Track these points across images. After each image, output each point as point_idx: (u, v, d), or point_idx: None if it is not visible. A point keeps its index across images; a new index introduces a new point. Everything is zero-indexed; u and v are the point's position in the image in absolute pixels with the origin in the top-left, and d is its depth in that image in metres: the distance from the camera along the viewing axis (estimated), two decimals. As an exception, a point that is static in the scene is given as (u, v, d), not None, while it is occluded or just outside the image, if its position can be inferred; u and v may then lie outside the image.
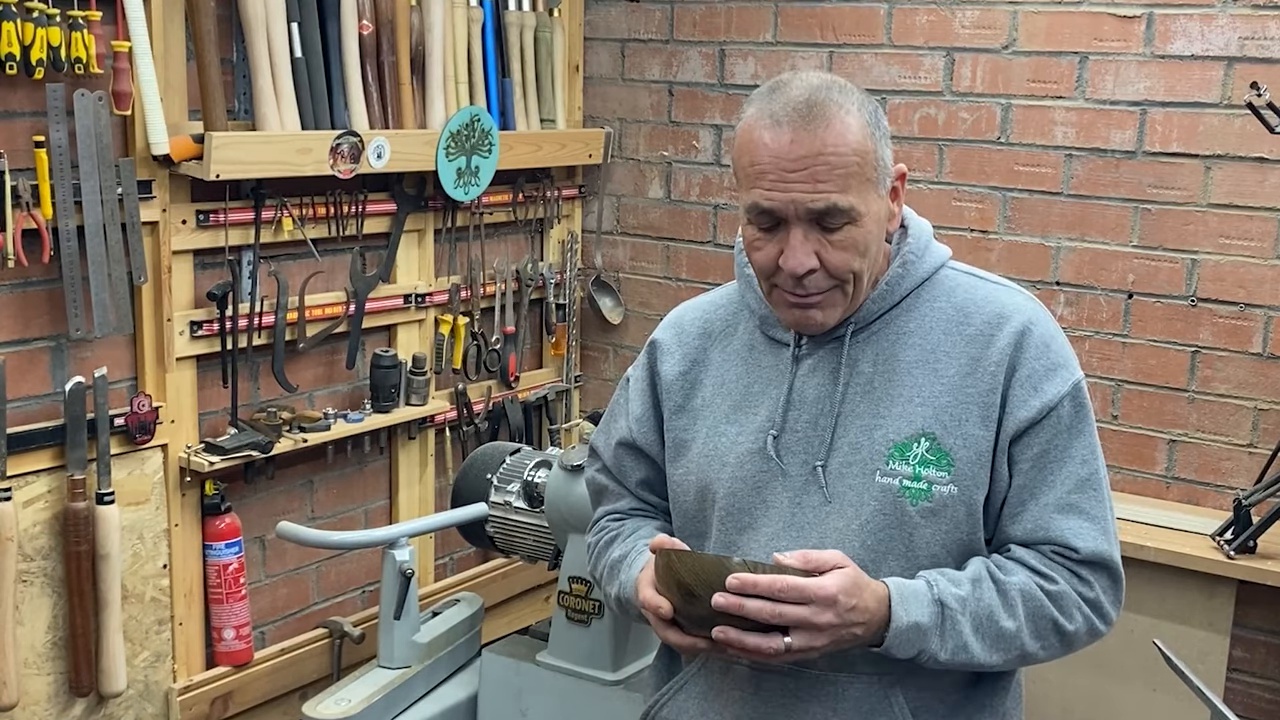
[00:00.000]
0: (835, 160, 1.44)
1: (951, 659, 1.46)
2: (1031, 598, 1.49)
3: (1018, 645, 1.49)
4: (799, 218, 1.46)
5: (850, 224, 1.46)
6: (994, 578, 1.49)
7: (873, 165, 1.47)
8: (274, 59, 2.65)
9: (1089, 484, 1.52)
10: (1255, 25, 2.71)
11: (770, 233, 1.49)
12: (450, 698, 2.79)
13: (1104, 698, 2.79)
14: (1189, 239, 2.85)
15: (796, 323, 1.55)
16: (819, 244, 1.47)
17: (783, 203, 1.45)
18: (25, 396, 2.41)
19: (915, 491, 1.50)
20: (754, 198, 1.47)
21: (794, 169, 1.44)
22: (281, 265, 2.83)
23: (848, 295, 1.52)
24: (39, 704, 2.47)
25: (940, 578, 1.48)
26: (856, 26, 3.18)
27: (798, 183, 1.44)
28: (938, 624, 1.45)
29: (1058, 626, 1.51)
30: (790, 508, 1.55)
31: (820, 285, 1.49)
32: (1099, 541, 1.51)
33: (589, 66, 3.61)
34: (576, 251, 3.63)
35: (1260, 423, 2.81)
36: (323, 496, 3.06)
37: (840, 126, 1.44)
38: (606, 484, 1.78)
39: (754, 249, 1.52)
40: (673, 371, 1.68)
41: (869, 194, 1.47)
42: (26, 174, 2.30)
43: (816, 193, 1.44)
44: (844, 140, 1.44)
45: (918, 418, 1.51)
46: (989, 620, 1.47)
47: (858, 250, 1.48)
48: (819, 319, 1.53)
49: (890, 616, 1.43)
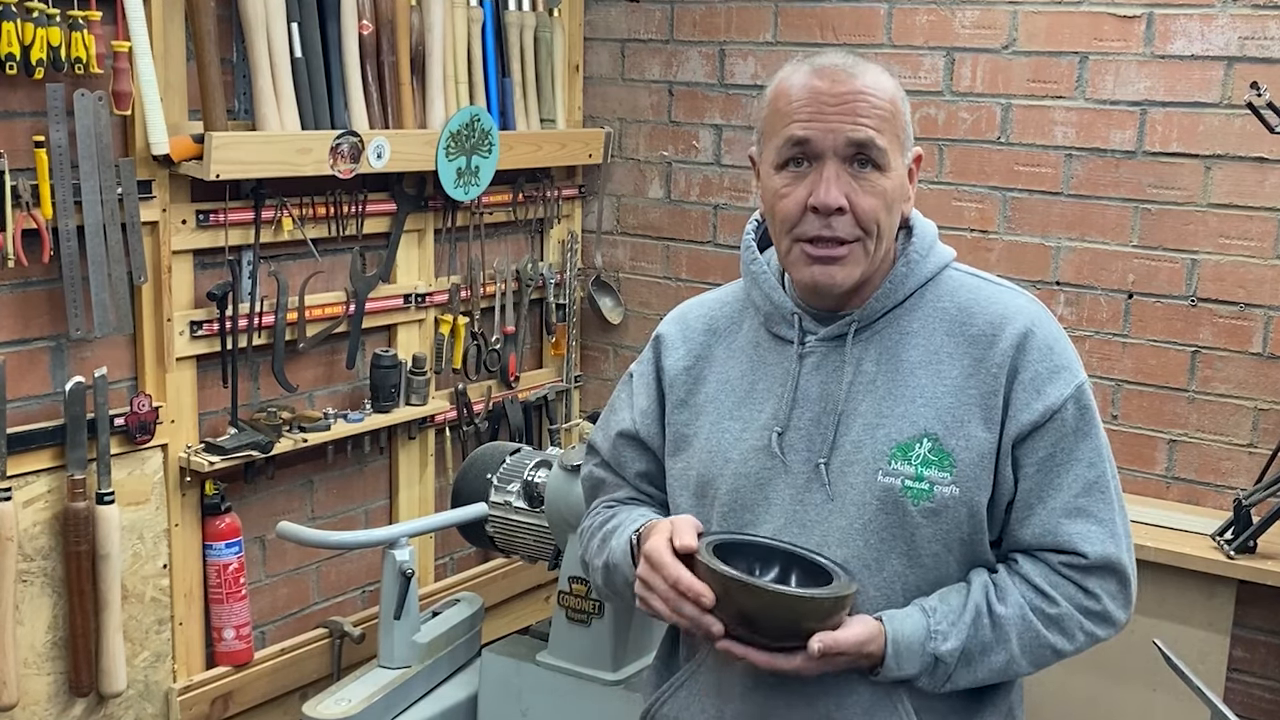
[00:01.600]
0: (875, 100, 1.49)
1: (939, 690, 1.52)
2: (1028, 628, 1.51)
3: (1011, 671, 1.54)
4: (835, 152, 1.48)
5: (880, 171, 1.49)
6: (992, 611, 1.50)
7: (902, 125, 1.53)
8: (274, 59, 2.65)
9: (1096, 486, 1.52)
10: (1255, 25, 2.71)
11: (800, 174, 1.50)
12: (450, 698, 2.79)
13: (1104, 698, 2.79)
14: (1189, 239, 2.85)
15: (815, 281, 1.53)
16: (850, 186, 1.49)
17: (821, 131, 1.48)
18: (25, 396, 2.41)
19: (917, 491, 1.50)
20: (790, 131, 1.50)
21: (835, 104, 1.48)
22: (281, 265, 2.83)
23: (869, 254, 1.52)
24: (39, 704, 2.47)
25: (942, 622, 1.49)
26: (856, 26, 3.18)
27: (837, 116, 1.48)
28: (929, 671, 1.50)
29: (1055, 649, 1.53)
30: (793, 505, 1.55)
31: (847, 232, 1.50)
32: (1107, 545, 1.51)
33: (589, 66, 3.61)
34: (576, 251, 3.63)
35: (1260, 423, 2.81)
36: (323, 496, 3.06)
37: (875, 78, 1.51)
38: (604, 477, 1.78)
39: (780, 198, 1.52)
40: (677, 366, 1.68)
41: (896, 151, 1.51)
42: (26, 174, 2.30)
43: (856, 124, 1.47)
44: (882, 86, 1.51)
45: (920, 418, 1.51)
46: (981, 656, 1.51)
47: (884, 201, 1.50)
48: (839, 276, 1.52)
49: (882, 665, 1.49)
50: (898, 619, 1.49)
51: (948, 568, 1.53)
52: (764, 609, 1.40)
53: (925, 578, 1.53)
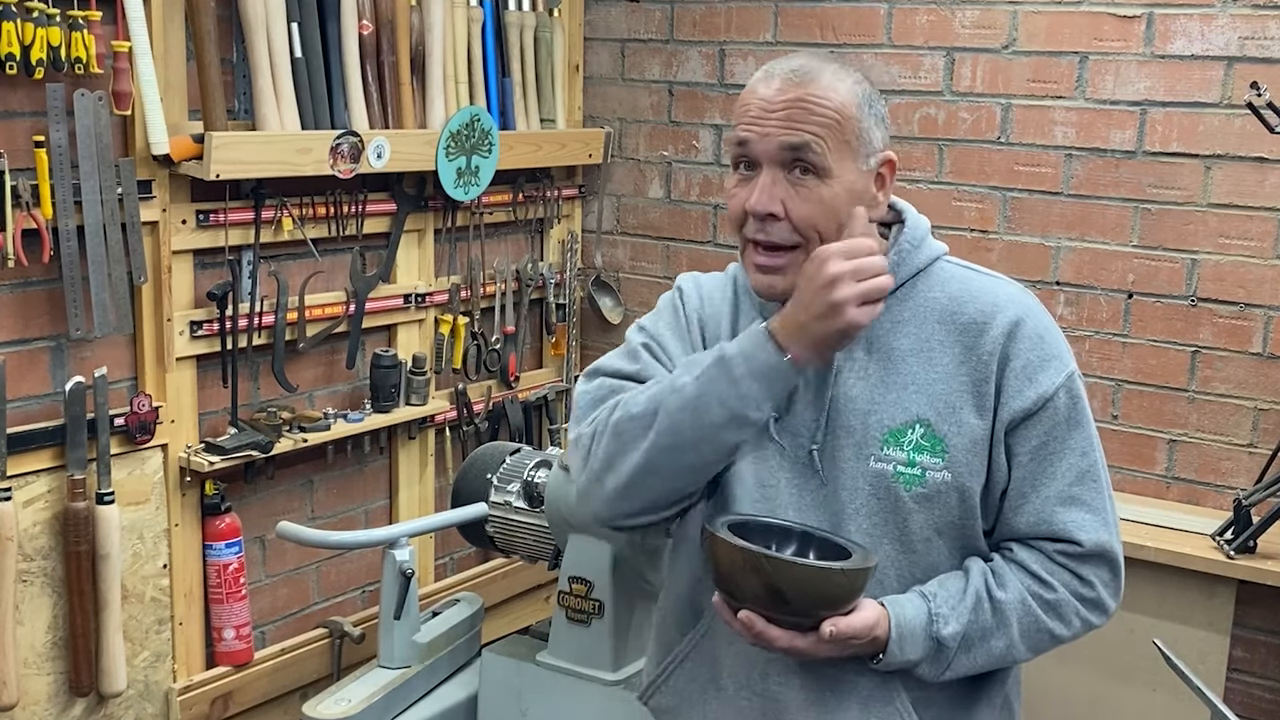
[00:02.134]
0: (814, 107, 1.49)
1: (939, 678, 1.53)
2: (1027, 613, 1.53)
3: (1010, 658, 1.55)
4: (771, 158, 1.49)
5: (818, 178, 1.49)
6: (991, 597, 1.52)
7: (854, 132, 1.50)
8: (274, 59, 2.65)
9: (1089, 475, 1.54)
10: (1255, 25, 2.71)
11: (746, 180, 1.53)
12: (450, 698, 2.79)
13: (1104, 698, 2.79)
14: (1189, 239, 2.85)
15: (758, 286, 1.56)
16: (786, 192, 1.50)
17: (758, 136, 1.50)
18: (25, 396, 2.41)
19: (909, 477, 1.52)
20: (735, 133, 1.53)
21: (775, 110, 1.50)
22: (281, 265, 2.83)
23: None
24: (39, 704, 2.47)
25: (943, 606, 1.50)
26: (856, 26, 3.18)
27: (775, 122, 1.49)
28: (931, 656, 1.51)
29: (1053, 635, 1.55)
30: (788, 488, 1.56)
31: (783, 237, 1.51)
32: (1100, 533, 1.53)
33: (589, 66, 3.61)
34: (576, 251, 3.63)
35: (1260, 423, 2.81)
36: (323, 496, 3.06)
37: (826, 85, 1.50)
38: (620, 385, 1.61)
39: (731, 197, 1.55)
40: (694, 315, 1.68)
41: (845, 158, 1.50)
42: (26, 174, 2.30)
43: (792, 130, 1.48)
44: (827, 95, 1.49)
45: (912, 404, 1.53)
46: (981, 641, 1.52)
47: (823, 208, 1.49)
48: (779, 286, 1.52)
49: (885, 650, 1.49)
50: (900, 603, 1.50)
51: (939, 553, 1.55)
52: (797, 584, 1.41)
53: (917, 563, 1.54)
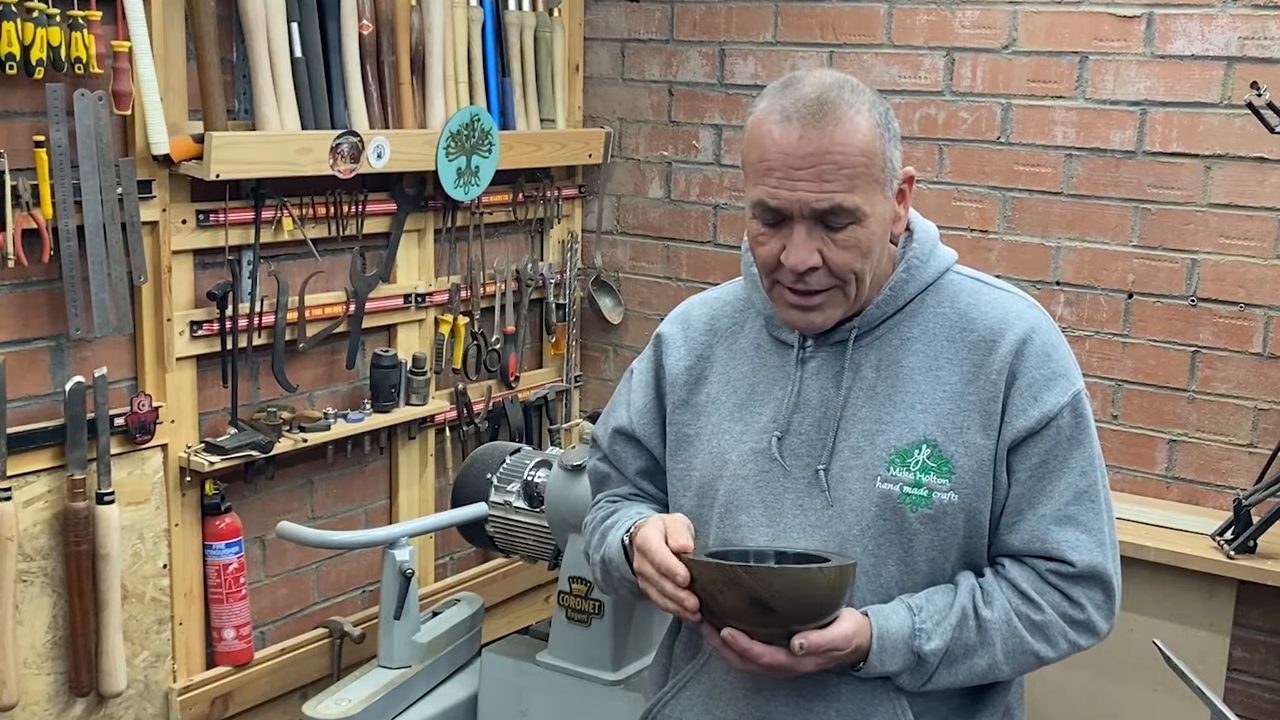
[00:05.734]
0: (842, 160, 1.44)
1: (920, 689, 1.52)
2: (1012, 633, 1.51)
3: (993, 675, 1.54)
4: (803, 216, 1.46)
5: (854, 224, 1.46)
6: (978, 615, 1.51)
7: (880, 166, 1.47)
8: (274, 59, 2.65)
9: (1087, 495, 1.52)
10: (1255, 25, 2.71)
11: (774, 229, 1.49)
12: (450, 698, 2.79)
13: (1104, 698, 2.79)
14: (1189, 239, 2.85)
15: (795, 323, 1.55)
16: (822, 242, 1.47)
17: (788, 201, 1.45)
18: (25, 396, 2.41)
19: (916, 498, 1.50)
20: (760, 194, 1.47)
21: (801, 166, 1.44)
22: (281, 265, 2.83)
23: (849, 297, 1.52)
24: (39, 704, 2.47)
25: (927, 621, 1.49)
26: (856, 26, 3.18)
27: (804, 181, 1.44)
28: (911, 668, 1.50)
29: (1038, 656, 1.53)
30: (792, 509, 1.55)
31: (821, 283, 1.49)
32: (1094, 554, 1.51)
33: (589, 66, 3.61)
34: (576, 251, 3.63)
35: (1260, 423, 2.81)
36: (323, 496, 3.06)
37: (850, 126, 1.44)
38: (608, 472, 1.78)
39: (758, 244, 1.51)
40: (678, 366, 1.68)
41: (875, 195, 1.47)
42: (26, 174, 2.30)
43: (822, 192, 1.44)
44: (852, 140, 1.44)
45: (919, 424, 1.51)
46: (964, 658, 1.51)
47: (860, 251, 1.48)
48: (819, 321, 1.53)
49: (865, 660, 1.49)
50: (884, 613, 1.49)
51: (944, 574, 1.54)
52: (778, 591, 1.40)
53: (920, 584, 1.53)
